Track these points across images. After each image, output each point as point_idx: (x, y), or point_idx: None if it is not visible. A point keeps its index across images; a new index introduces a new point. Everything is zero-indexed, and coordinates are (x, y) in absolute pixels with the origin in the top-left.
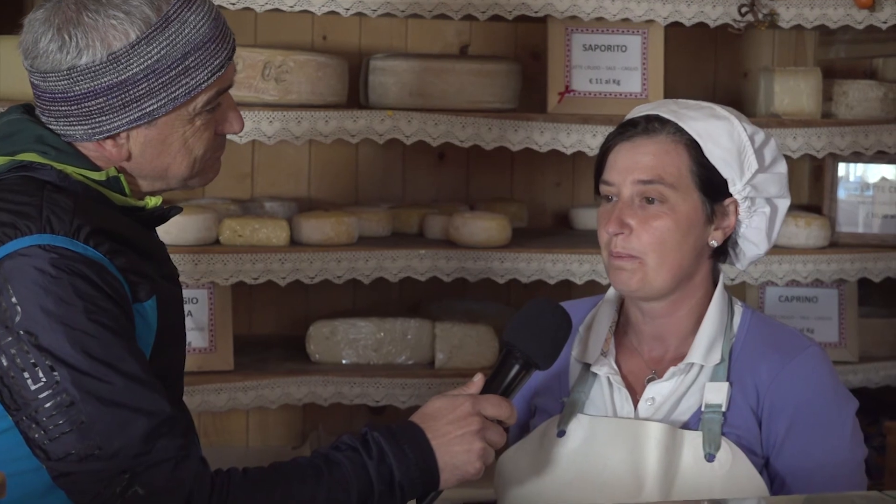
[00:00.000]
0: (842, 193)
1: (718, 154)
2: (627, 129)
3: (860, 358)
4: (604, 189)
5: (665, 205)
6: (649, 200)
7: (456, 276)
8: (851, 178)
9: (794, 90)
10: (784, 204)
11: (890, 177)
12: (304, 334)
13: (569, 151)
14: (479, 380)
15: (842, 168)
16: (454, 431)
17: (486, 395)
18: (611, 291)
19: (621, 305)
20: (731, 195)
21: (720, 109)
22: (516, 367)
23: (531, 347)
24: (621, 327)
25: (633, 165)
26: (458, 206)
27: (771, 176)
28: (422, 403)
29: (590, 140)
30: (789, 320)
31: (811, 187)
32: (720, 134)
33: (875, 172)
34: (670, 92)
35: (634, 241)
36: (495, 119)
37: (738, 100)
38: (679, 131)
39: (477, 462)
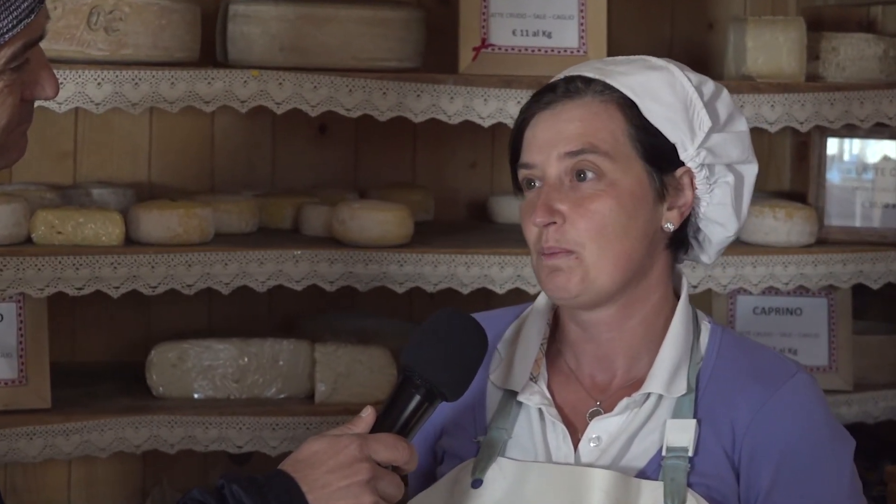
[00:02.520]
0: (832, 177)
1: (660, 112)
2: (544, 96)
3: (855, 386)
4: (524, 174)
5: (602, 180)
6: (581, 177)
7: (342, 283)
8: (845, 158)
9: (771, 46)
10: (751, 171)
11: (893, 155)
12: (144, 361)
13: (486, 123)
14: (368, 415)
15: (832, 145)
16: (337, 482)
17: (379, 435)
18: (541, 299)
19: (554, 316)
20: (682, 163)
21: (655, 60)
22: (417, 399)
23: (436, 372)
24: (554, 344)
25: (555, 137)
26: (344, 193)
27: (729, 136)
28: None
29: (513, 108)
30: (766, 338)
31: (793, 169)
32: (659, 87)
33: (875, 150)
34: (615, 47)
35: (570, 232)
36: (392, 81)
37: (701, 58)
38: (608, 89)
39: None
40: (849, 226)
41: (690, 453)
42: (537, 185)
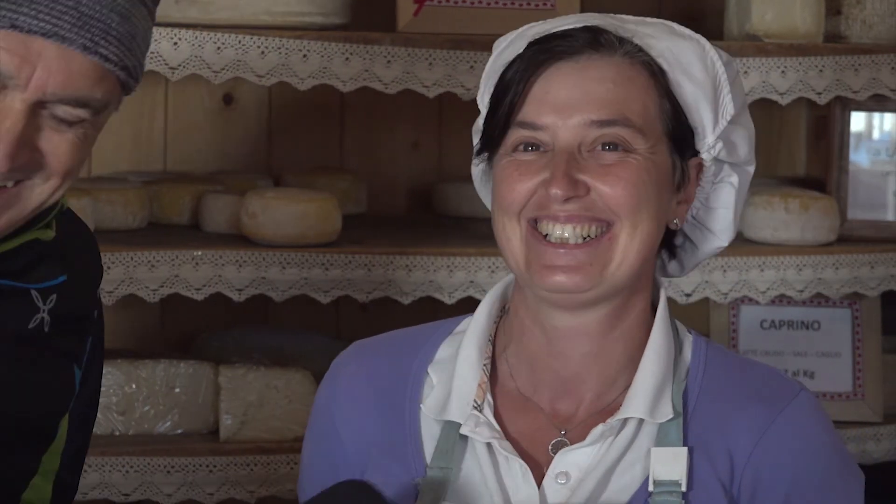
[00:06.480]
0: (858, 159)
1: (690, 91)
2: (557, 43)
3: (885, 416)
4: (523, 135)
5: (629, 155)
6: (607, 148)
7: (252, 292)
8: (874, 136)
9: None
10: (750, 175)
11: None
12: None
13: (431, 93)
14: None
15: (857, 120)
16: None
17: None
18: (482, 309)
19: (497, 328)
20: (696, 153)
21: (677, 26)
22: None
23: None
24: (501, 363)
25: (581, 98)
26: (254, 180)
27: (741, 130)
28: (198, 497)
29: (464, 76)
30: (776, 358)
31: (809, 150)
32: (690, 59)
33: None
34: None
35: (598, 202)
36: (314, 41)
37: (695, 14)
38: (638, 52)
39: None
40: (878, 219)
41: (683, 488)
42: (539, 149)
